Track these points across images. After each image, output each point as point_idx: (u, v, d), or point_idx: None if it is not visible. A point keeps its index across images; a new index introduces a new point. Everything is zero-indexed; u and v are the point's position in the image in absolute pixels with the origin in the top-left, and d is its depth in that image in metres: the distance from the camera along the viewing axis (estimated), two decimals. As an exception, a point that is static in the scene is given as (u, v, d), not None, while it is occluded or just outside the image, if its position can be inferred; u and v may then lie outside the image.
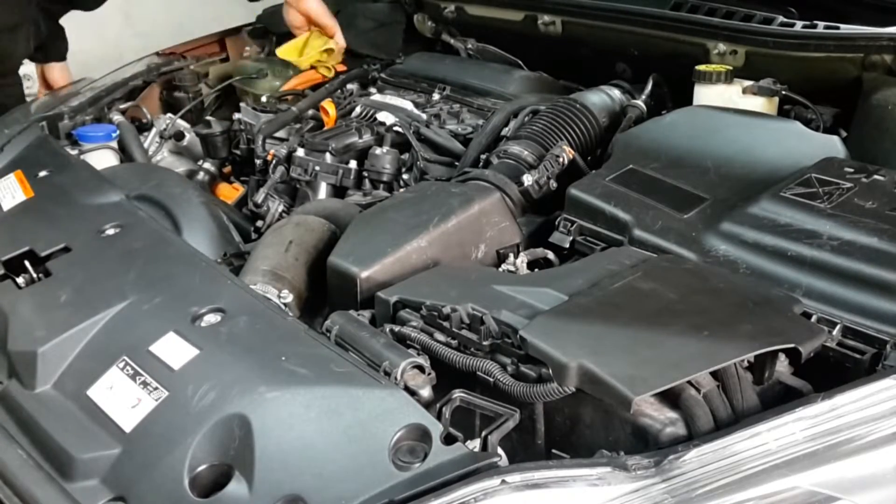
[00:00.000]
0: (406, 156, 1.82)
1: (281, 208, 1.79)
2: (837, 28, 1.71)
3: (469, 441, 0.98)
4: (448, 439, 0.98)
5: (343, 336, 1.19)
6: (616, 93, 1.91)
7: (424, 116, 1.91)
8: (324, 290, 1.43)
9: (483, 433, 0.99)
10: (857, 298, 1.18)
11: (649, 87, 1.90)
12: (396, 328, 1.22)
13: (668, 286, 1.19)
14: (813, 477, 0.95)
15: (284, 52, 2.25)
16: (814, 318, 1.17)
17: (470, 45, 2.31)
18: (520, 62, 2.20)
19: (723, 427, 1.02)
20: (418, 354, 1.14)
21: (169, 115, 2.20)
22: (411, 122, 1.87)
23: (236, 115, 2.11)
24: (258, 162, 1.93)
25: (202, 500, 1.01)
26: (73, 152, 1.94)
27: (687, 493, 0.92)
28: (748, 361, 1.10)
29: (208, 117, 2.19)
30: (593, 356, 1.03)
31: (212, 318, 1.22)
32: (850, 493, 0.95)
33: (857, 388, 1.00)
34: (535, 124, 1.76)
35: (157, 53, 2.45)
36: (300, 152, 1.81)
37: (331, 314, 1.25)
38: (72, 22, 2.69)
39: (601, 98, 1.87)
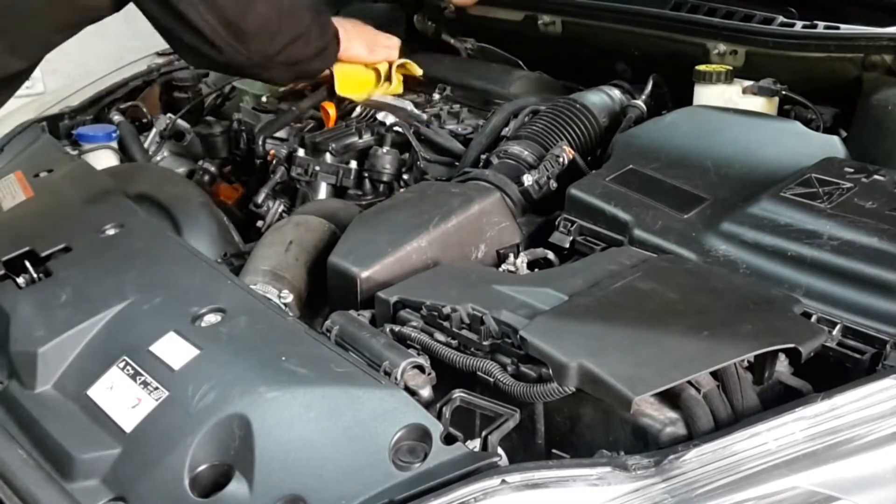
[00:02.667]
0: (406, 156, 1.82)
1: (281, 208, 1.79)
2: (837, 28, 1.70)
3: (469, 441, 0.99)
4: (448, 439, 0.98)
5: (343, 336, 1.19)
6: (616, 93, 1.91)
7: (424, 116, 1.91)
8: (324, 290, 1.43)
9: (483, 433, 1.00)
10: (857, 298, 1.18)
11: (649, 87, 1.89)
12: (396, 328, 1.22)
13: (669, 286, 1.19)
14: (813, 477, 0.95)
15: (344, 88, 1.93)
16: (814, 318, 1.17)
17: (470, 45, 2.31)
18: (520, 62, 2.20)
19: (723, 427, 1.01)
20: (418, 354, 1.15)
21: (169, 115, 2.19)
22: (411, 122, 1.87)
23: (236, 115, 2.11)
24: (258, 162, 1.93)
25: (202, 500, 1.01)
26: (73, 152, 1.94)
27: (687, 493, 0.92)
28: (748, 361, 1.10)
29: (208, 117, 2.18)
30: (593, 356, 1.03)
31: (212, 318, 1.22)
32: (850, 493, 0.95)
33: (857, 388, 1.00)
34: (535, 124, 1.76)
35: (157, 53, 2.45)
36: (300, 152, 1.81)
37: (331, 314, 1.25)
38: (72, 22, 2.69)
39: (601, 98, 1.87)
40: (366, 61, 1.96)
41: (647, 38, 1.93)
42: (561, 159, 1.63)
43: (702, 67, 1.78)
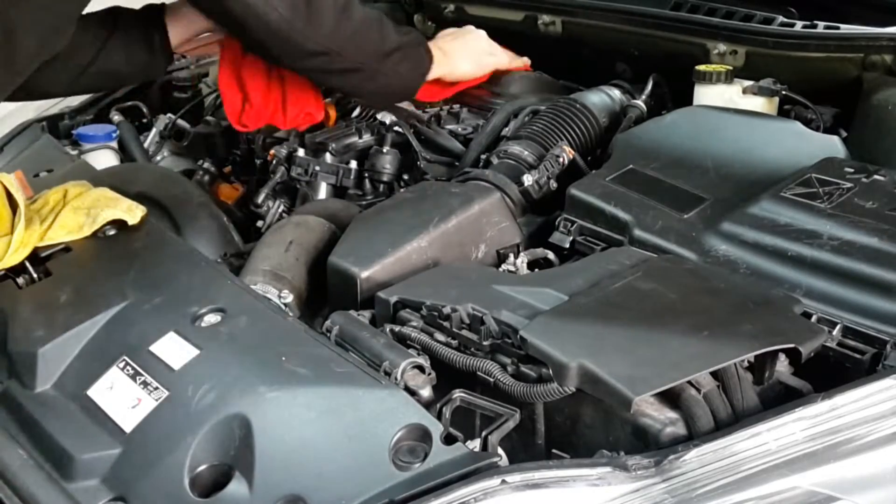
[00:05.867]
0: (406, 156, 1.82)
1: (281, 208, 1.79)
2: (837, 28, 1.70)
3: (469, 441, 0.99)
4: (448, 439, 0.98)
5: (343, 336, 1.19)
6: (616, 93, 1.91)
7: (424, 116, 1.91)
8: (324, 290, 1.43)
9: (483, 433, 1.00)
10: (857, 298, 1.18)
11: (649, 87, 1.89)
12: (397, 328, 1.22)
13: (668, 286, 1.19)
14: (813, 477, 0.95)
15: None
16: (814, 318, 1.17)
17: (470, 45, 2.31)
18: (520, 62, 2.20)
19: (723, 427, 1.01)
20: (418, 354, 1.15)
21: (169, 115, 2.19)
22: (411, 122, 1.87)
23: (236, 115, 2.10)
24: (258, 162, 1.93)
25: (202, 500, 1.01)
26: (73, 152, 1.94)
27: (687, 493, 0.92)
28: (748, 361, 1.10)
29: (208, 117, 2.19)
30: (593, 356, 1.03)
31: (212, 318, 1.22)
32: (850, 493, 0.95)
33: (857, 388, 1.00)
34: (535, 124, 1.76)
35: (158, 53, 2.44)
36: (300, 152, 1.81)
37: (331, 314, 1.25)
38: (72, 22, 2.69)
39: (601, 98, 1.87)
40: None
41: (647, 38, 1.93)
42: (561, 159, 1.63)
43: (702, 67, 1.78)
